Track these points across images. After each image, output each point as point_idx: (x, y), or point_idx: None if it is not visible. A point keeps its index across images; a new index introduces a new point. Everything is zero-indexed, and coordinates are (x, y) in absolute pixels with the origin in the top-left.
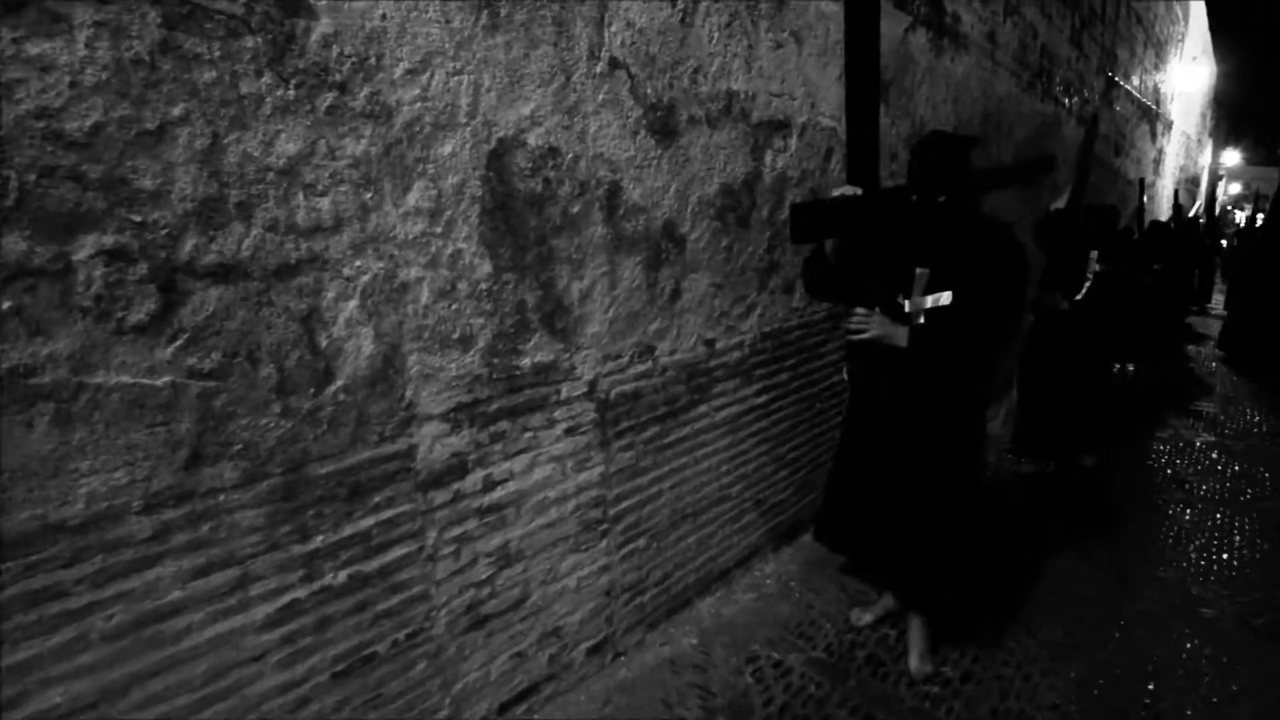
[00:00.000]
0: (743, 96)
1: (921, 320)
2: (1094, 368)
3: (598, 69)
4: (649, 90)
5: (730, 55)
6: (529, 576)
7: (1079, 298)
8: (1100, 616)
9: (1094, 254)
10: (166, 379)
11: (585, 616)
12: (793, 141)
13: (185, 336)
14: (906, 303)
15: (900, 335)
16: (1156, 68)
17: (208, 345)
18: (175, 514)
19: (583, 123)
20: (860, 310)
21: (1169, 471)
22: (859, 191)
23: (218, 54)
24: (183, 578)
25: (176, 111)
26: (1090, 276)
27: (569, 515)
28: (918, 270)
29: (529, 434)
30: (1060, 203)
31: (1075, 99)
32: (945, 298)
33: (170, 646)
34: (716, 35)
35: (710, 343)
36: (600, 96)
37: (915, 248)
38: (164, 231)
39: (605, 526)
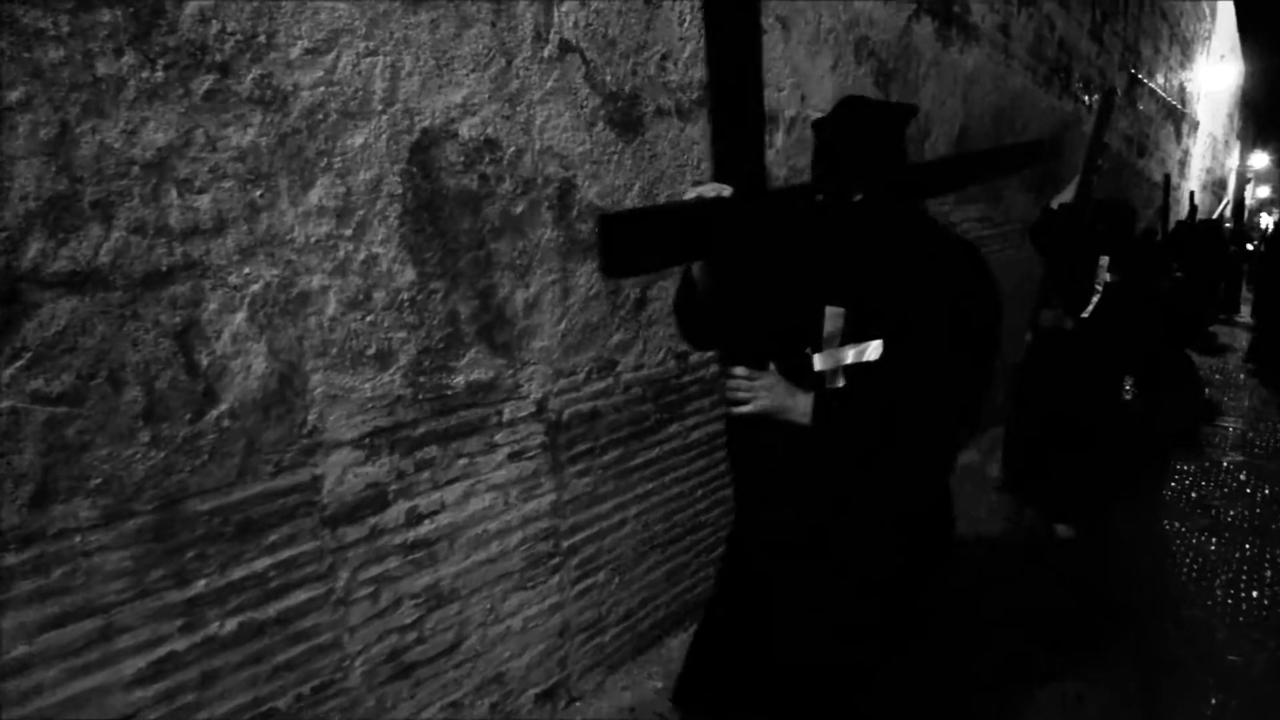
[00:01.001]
0: None
1: (841, 383)
2: (1098, 404)
3: (545, 52)
4: (608, 77)
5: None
6: (465, 618)
7: (1085, 315)
8: (1116, 663)
9: (1104, 260)
10: (5, 404)
11: (534, 660)
12: (779, 137)
13: (29, 355)
14: (817, 357)
15: (800, 408)
16: (1182, 66)
17: (58, 365)
18: (18, 559)
19: (527, 112)
20: (740, 371)
21: (1193, 495)
22: (725, 192)
23: (66, 29)
24: (30, 630)
25: (15, 96)
26: (1099, 288)
27: (513, 549)
28: (828, 309)
29: (464, 460)
30: (1064, 197)
31: (1096, 96)
32: (873, 350)
33: (17, 708)
34: (689, 18)
35: (682, 356)
36: (549, 83)
37: (824, 274)
38: (2, 234)
39: (557, 560)
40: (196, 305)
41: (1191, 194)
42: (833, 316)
